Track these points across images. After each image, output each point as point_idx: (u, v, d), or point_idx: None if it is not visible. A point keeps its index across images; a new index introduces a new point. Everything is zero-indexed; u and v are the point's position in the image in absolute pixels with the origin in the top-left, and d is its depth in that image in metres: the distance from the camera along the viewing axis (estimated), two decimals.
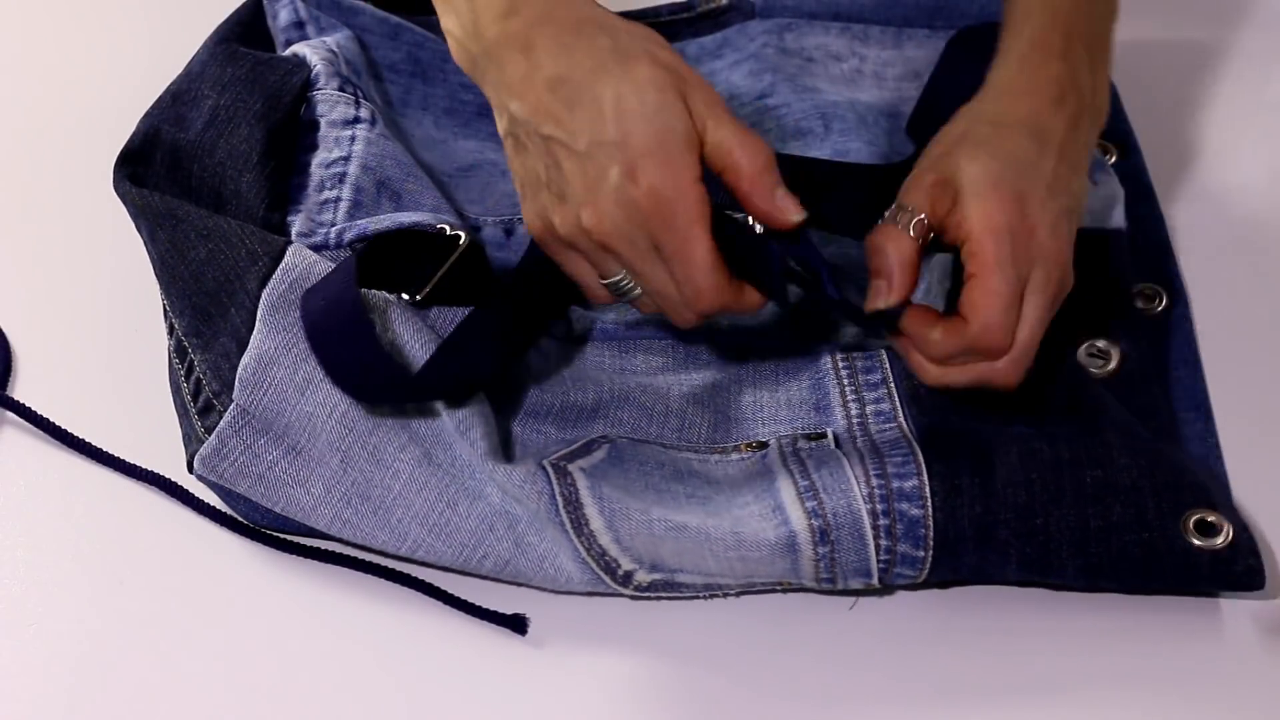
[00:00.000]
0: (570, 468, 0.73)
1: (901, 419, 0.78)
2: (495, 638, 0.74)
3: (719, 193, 0.71)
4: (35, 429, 0.81)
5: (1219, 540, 0.72)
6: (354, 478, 0.74)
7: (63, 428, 0.81)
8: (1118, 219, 0.83)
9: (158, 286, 0.82)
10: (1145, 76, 1.01)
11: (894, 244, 0.74)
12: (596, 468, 0.74)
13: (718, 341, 0.84)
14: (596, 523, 0.72)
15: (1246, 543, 0.72)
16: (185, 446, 0.77)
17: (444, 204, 0.84)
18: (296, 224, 0.82)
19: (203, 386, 0.77)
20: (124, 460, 0.80)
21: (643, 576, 0.74)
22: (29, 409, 0.81)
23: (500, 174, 0.92)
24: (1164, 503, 0.72)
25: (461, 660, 0.73)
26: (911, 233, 0.74)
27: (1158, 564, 0.72)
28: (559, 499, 0.72)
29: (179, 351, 0.79)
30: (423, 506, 0.74)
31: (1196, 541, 0.72)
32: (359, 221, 0.81)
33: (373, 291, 0.77)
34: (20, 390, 0.84)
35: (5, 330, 0.87)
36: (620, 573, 0.73)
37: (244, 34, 0.92)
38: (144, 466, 0.80)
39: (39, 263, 0.91)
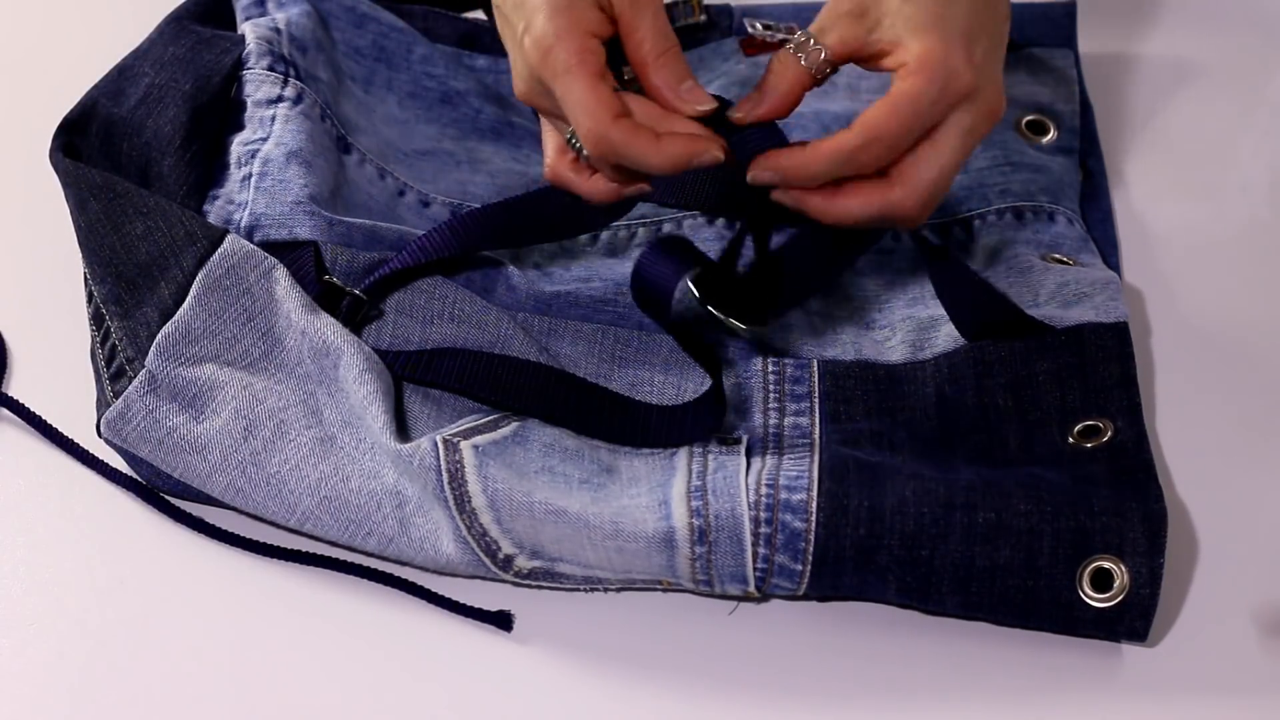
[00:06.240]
0: (462, 444, 0.74)
1: (816, 436, 0.77)
2: (480, 635, 0.75)
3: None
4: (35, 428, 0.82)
5: (1111, 594, 0.71)
6: (254, 447, 0.76)
7: (54, 426, 0.81)
8: (1118, 311, 0.81)
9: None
10: (1147, 77, 1.01)
11: (783, 68, 0.74)
12: (492, 445, 0.75)
13: (646, 330, 0.84)
14: (479, 500, 0.73)
15: (1140, 601, 0.71)
16: (96, 412, 0.79)
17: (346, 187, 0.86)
18: (211, 214, 0.83)
19: (117, 353, 0.78)
20: (107, 464, 0.80)
21: (523, 562, 0.74)
22: (24, 406, 0.82)
23: (455, 164, 0.93)
24: (1061, 548, 0.71)
25: (446, 658, 0.74)
26: (805, 63, 0.74)
27: (1039, 610, 0.72)
28: (444, 474, 0.73)
29: (95, 319, 0.80)
30: (316, 479, 0.75)
31: (1085, 594, 0.72)
32: (263, 225, 0.82)
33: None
34: (16, 388, 0.84)
35: (2, 327, 0.87)
36: (500, 556, 0.74)
37: (205, 12, 0.92)
38: (126, 473, 0.80)
39: (35, 260, 0.91)
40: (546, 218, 0.84)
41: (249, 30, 0.90)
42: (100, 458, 0.80)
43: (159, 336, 0.77)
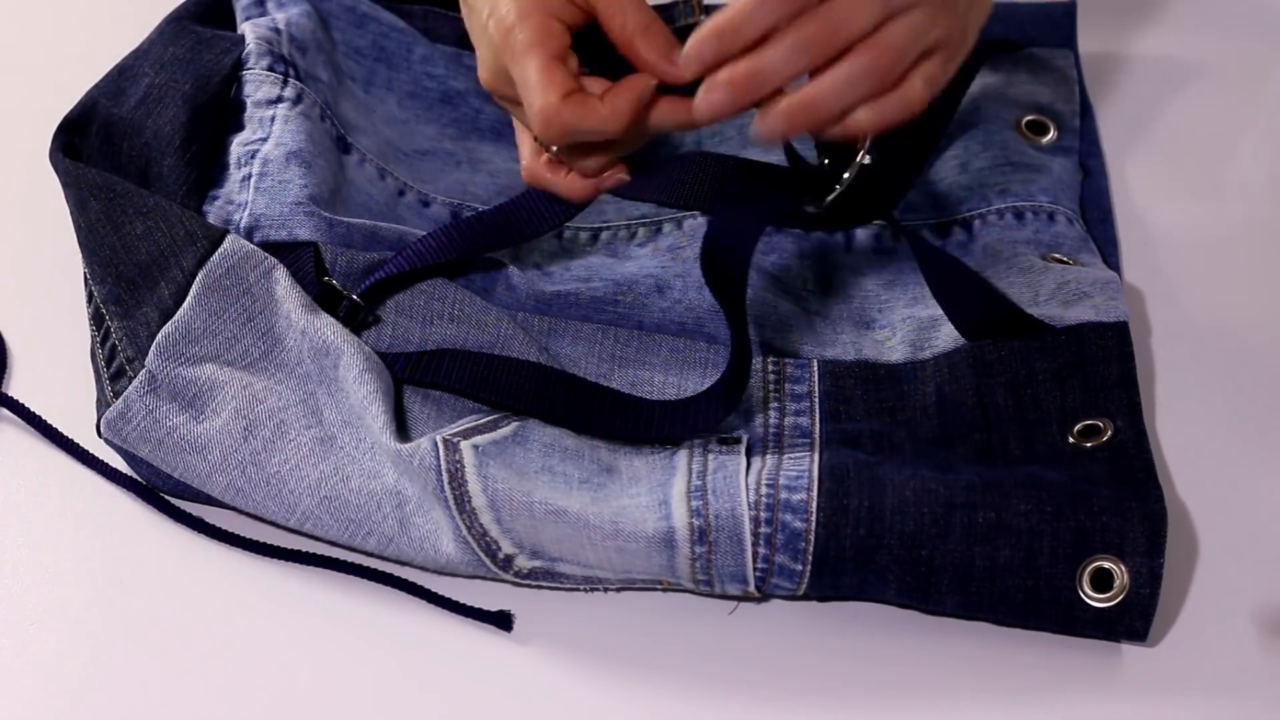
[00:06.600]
0: (462, 444, 0.74)
1: (816, 436, 0.78)
2: (480, 635, 0.75)
3: None
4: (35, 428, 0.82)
5: (1111, 594, 0.71)
6: (254, 447, 0.76)
7: (54, 426, 0.81)
8: (1118, 310, 0.81)
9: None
10: (1147, 77, 1.01)
11: None
12: (492, 445, 0.75)
13: (646, 330, 0.84)
14: (479, 500, 0.73)
15: (1140, 602, 0.71)
16: (96, 412, 0.79)
17: (345, 185, 0.86)
18: (210, 215, 0.83)
19: (117, 353, 0.78)
20: (107, 464, 0.80)
21: (523, 562, 0.74)
22: (24, 406, 0.82)
23: (455, 164, 0.93)
24: (1061, 548, 0.72)
25: (446, 658, 0.74)
26: None
27: (1039, 610, 0.72)
28: (444, 474, 0.73)
29: (95, 319, 0.81)
30: (316, 479, 0.75)
31: (1085, 594, 0.72)
32: (262, 226, 0.82)
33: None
34: (16, 388, 0.84)
35: (2, 327, 0.87)
36: (500, 556, 0.74)
37: (205, 12, 0.92)
38: (126, 473, 0.80)
39: (35, 260, 0.91)
40: (535, 216, 0.84)
41: (249, 30, 0.90)
42: (100, 458, 0.80)
43: (159, 336, 0.77)
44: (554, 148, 0.77)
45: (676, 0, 0.97)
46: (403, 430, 0.77)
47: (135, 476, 0.80)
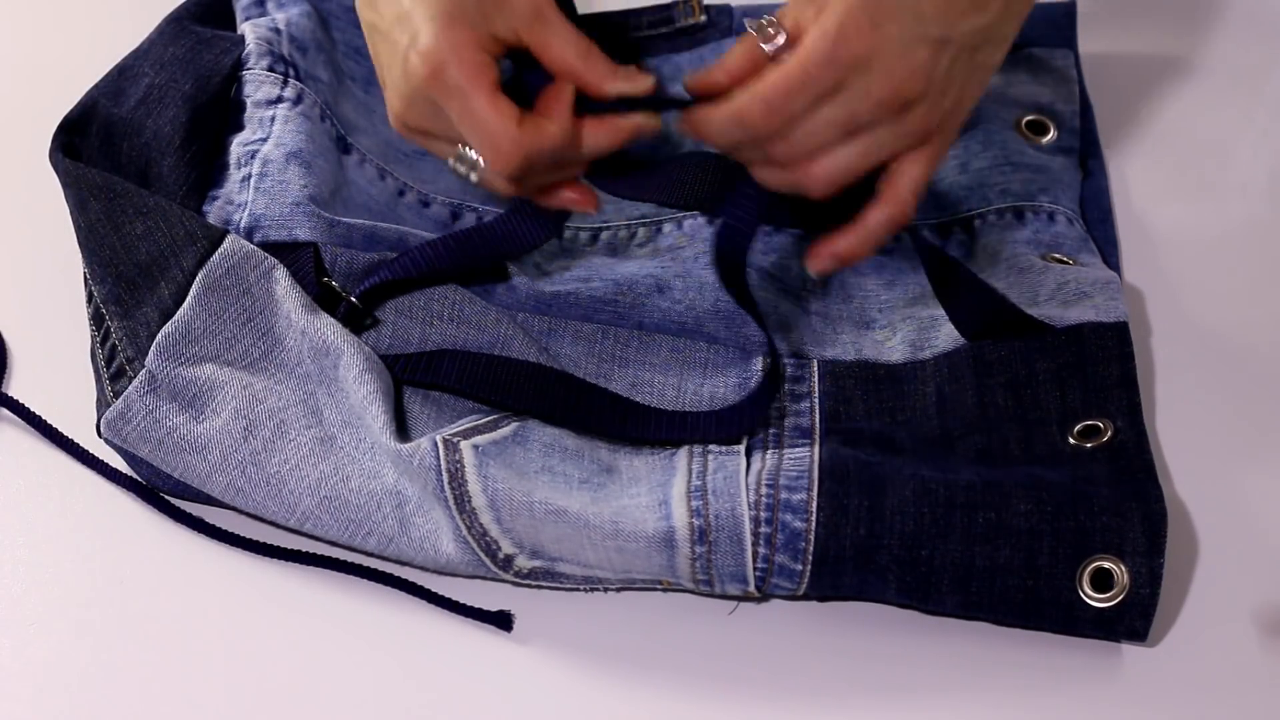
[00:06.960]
0: (462, 444, 0.74)
1: (816, 435, 0.77)
2: (480, 635, 0.75)
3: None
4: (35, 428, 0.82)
5: (1111, 594, 0.71)
6: (254, 447, 0.76)
7: (54, 426, 0.81)
8: (1118, 311, 0.80)
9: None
10: (1147, 77, 1.01)
11: (741, 46, 0.74)
12: (492, 445, 0.75)
13: (645, 330, 0.84)
14: (479, 500, 0.73)
15: (1140, 601, 0.71)
16: (96, 412, 0.79)
17: (348, 187, 0.87)
18: (210, 215, 0.83)
19: (117, 353, 0.78)
20: (107, 464, 0.80)
21: (523, 562, 0.74)
22: (24, 406, 0.82)
23: None
24: (1061, 548, 0.72)
25: (446, 658, 0.74)
26: (766, 48, 0.73)
27: (1039, 610, 0.72)
28: (444, 474, 0.73)
29: (95, 319, 0.81)
30: (316, 479, 0.75)
31: (1085, 594, 0.72)
32: (262, 226, 0.82)
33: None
34: (16, 388, 0.84)
35: (2, 327, 0.87)
36: (500, 556, 0.74)
37: (205, 12, 0.92)
38: (126, 473, 0.80)
39: (35, 260, 0.91)
40: (534, 227, 0.84)
41: (249, 30, 0.90)
42: (100, 458, 0.80)
43: (159, 336, 0.77)
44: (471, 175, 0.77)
45: (677, 0, 0.97)
46: (403, 430, 0.77)
47: (135, 476, 0.80)
